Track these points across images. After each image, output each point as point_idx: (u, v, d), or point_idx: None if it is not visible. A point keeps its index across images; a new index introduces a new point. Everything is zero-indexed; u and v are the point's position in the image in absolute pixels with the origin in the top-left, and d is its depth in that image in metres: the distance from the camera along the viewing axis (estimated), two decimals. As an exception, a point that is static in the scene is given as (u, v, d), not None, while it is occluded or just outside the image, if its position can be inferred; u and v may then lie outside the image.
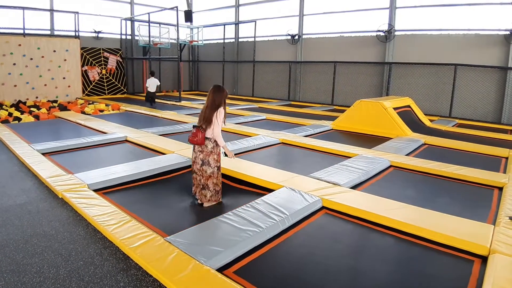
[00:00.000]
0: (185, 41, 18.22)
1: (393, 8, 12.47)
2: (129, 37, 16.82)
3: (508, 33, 10.31)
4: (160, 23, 16.24)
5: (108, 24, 16.15)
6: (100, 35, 15.85)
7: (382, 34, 12.58)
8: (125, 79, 16.67)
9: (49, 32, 14.40)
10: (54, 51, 13.61)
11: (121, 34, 16.53)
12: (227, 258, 2.73)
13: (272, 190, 4.18)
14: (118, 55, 16.23)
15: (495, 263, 2.65)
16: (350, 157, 5.89)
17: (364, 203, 3.76)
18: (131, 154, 6.04)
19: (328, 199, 3.87)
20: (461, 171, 5.09)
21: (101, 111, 11.02)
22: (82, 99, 13.93)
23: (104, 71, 15.84)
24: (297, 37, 15.15)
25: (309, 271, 2.68)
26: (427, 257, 2.93)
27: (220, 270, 2.60)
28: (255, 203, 3.70)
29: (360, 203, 3.75)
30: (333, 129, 8.76)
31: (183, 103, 13.56)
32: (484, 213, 3.88)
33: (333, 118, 9.75)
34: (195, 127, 3.79)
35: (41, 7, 14.00)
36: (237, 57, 17.87)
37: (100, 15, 15.87)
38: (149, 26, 14.67)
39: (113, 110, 11.44)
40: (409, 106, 9.52)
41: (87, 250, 2.86)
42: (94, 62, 15.43)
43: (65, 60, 13.98)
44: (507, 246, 2.89)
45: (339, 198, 3.90)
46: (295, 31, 15.24)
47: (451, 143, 7.21)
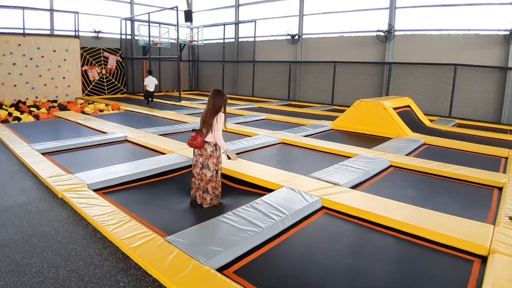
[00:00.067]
0: (185, 41, 18.20)
1: (393, 8, 12.47)
2: (129, 37, 16.81)
3: (507, 33, 10.32)
4: (160, 23, 16.22)
5: (108, 24, 16.14)
6: (100, 35, 15.83)
7: (382, 34, 12.58)
8: (125, 79, 16.66)
9: (49, 32, 14.39)
10: (54, 51, 13.61)
11: (121, 34, 16.53)
12: (227, 258, 2.73)
13: (272, 190, 4.18)
14: (118, 55, 16.22)
15: (495, 263, 2.65)
16: (350, 157, 5.89)
17: (364, 203, 3.76)
18: (131, 154, 6.04)
19: (328, 199, 3.87)
20: (461, 171, 5.10)
21: (101, 111, 11.02)
22: (82, 99, 13.92)
23: (104, 71, 15.83)
24: (297, 37, 15.14)
25: (309, 271, 2.68)
26: (427, 257, 2.93)
27: (220, 270, 2.60)
28: (255, 203, 3.70)
29: (360, 203, 3.75)
30: (333, 129, 8.75)
31: (183, 103, 13.55)
32: (484, 213, 3.89)
33: (333, 118, 9.74)
34: (194, 130, 3.83)
35: (41, 7, 13.99)
36: (237, 57, 17.86)
37: (100, 15, 15.86)
38: (149, 26, 14.66)
39: (113, 110, 11.43)
40: (409, 106, 9.52)
41: (86, 250, 2.85)
42: (94, 62, 15.42)
43: (65, 60, 13.98)
44: (507, 246, 2.89)
45: (339, 198, 3.90)
46: (295, 31, 15.24)
47: (451, 143, 7.21)
